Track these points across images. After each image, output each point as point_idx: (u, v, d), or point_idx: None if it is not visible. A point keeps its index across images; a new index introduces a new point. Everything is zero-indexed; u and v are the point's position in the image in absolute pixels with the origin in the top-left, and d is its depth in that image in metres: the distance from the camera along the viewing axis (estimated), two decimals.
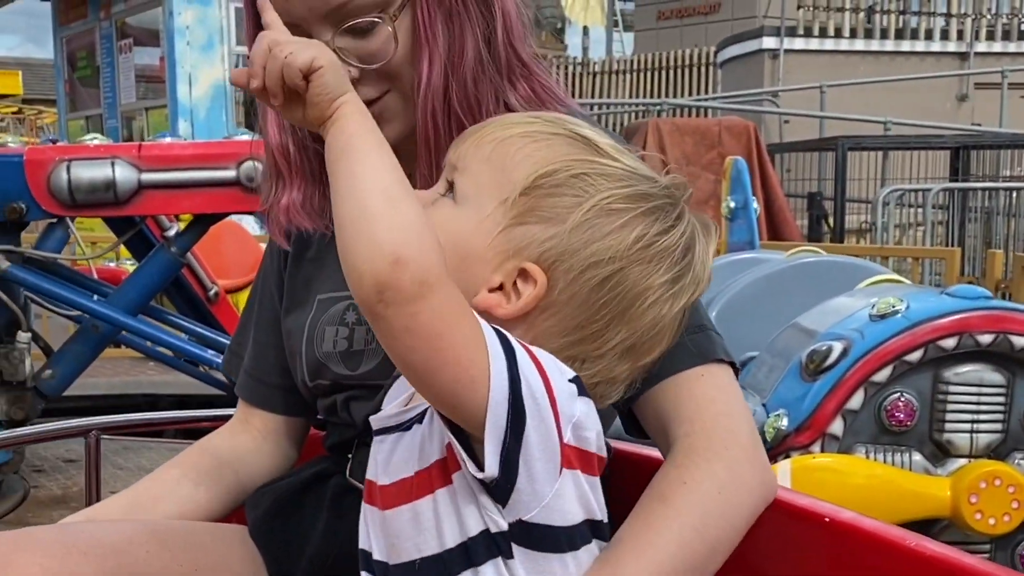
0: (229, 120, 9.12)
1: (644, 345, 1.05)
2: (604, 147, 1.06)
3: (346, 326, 1.34)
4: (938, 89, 14.56)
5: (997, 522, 2.57)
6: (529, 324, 1.02)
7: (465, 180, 1.05)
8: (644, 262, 1.02)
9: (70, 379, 3.42)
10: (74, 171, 3.13)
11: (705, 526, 1.07)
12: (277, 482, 1.44)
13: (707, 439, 1.13)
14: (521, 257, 1.01)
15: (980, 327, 2.59)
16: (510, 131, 1.06)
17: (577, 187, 1.02)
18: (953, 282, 6.19)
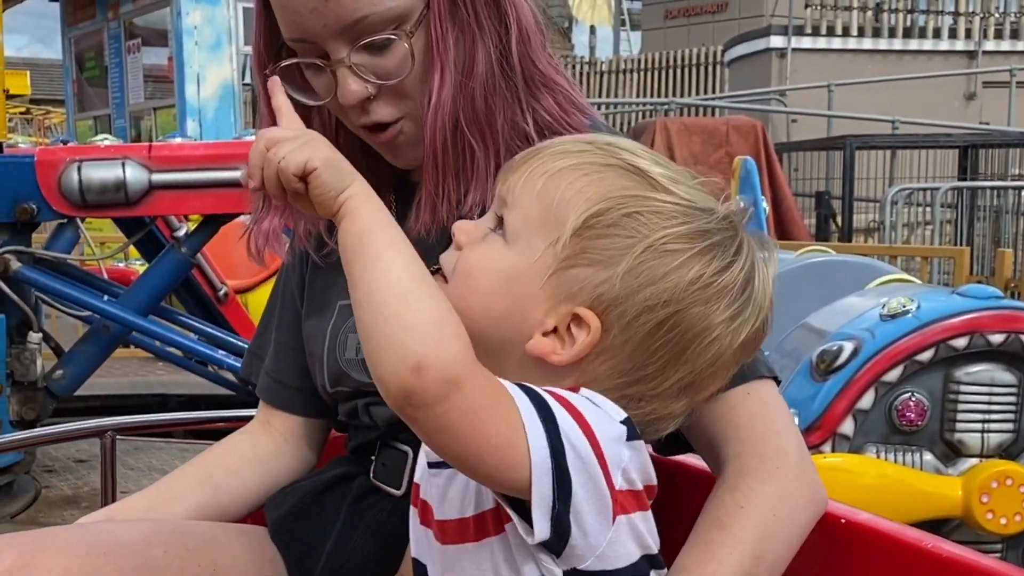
0: (238, 120, 9.12)
1: (703, 381, 1.02)
2: (658, 179, 1.01)
3: None
4: (946, 88, 14.53)
5: (1009, 522, 2.60)
6: (583, 370, 0.99)
7: (515, 217, 1.01)
8: (702, 303, 0.98)
9: (81, 379, 3.43)
10: (85, 172, 3.14)
11: (763, 550, 1.08)
12: (299, 483, 1.44)
13: (759, 460, 1.13)
14: (574, 302, 0.98)
15: (991, 327, 2.61)
16: (560, 163, 1.01)
17: (630, 227, 0.98)
18: (962, 281, 6.17)
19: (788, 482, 1.12)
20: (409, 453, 1.33)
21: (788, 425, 1.18)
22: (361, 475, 1.39)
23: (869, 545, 1.15)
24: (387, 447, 1.36)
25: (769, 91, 14.07)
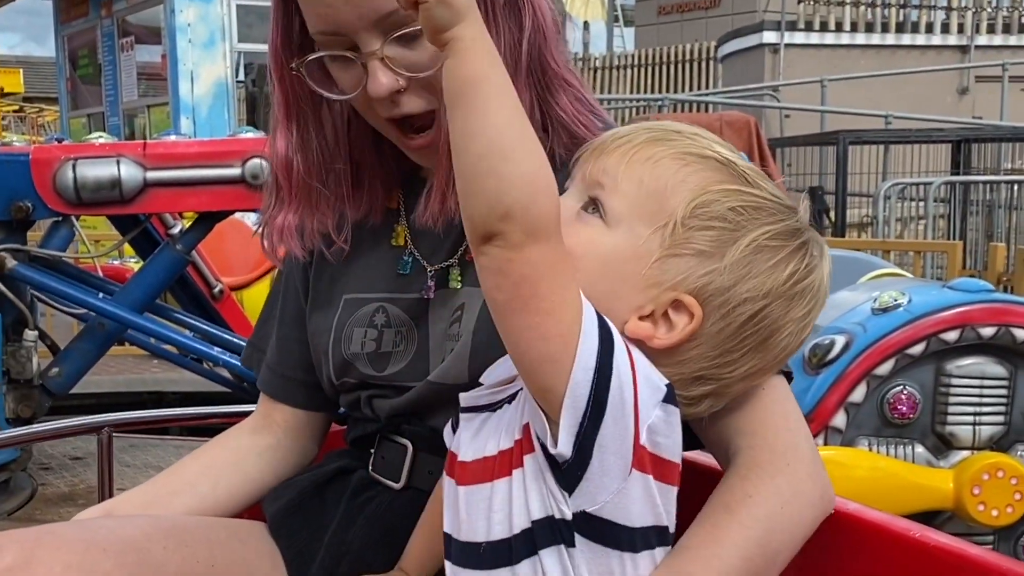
0: (231, 117, 9.14)
1: (764, 371, 1.07)
2: (749, 175, 1.05)
3: (375, 328, 1.35)
4: (939, 82, 14.59)
5: (1000, 513, 2.63)
6: (677, 354, 1.03)
7: (617, 201, 1.04)
8: (788, 298, 1.04)
9: (77, 377, 3.43)
10: (80, 170, 3.14)
11: (768, 540, 1.09)
12: (298, 477, 1.45)
13: (770, 453, 1.15)
14: (678, 290, 1.01)
15: (982, 320, 2.63)
16: (659, 150, 1.05)
17: (734, 220, 1.02)
18: (955, 275, 6.20)
19: (799, 478, 1.13)
20: (408, 447, 1.35)
21: (799, 421, 1.20)
22: (360, 468, 1.40)
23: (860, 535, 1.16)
24: (386, 440, 1.38)
25: (762, 87, 14.12)
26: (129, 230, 3.66)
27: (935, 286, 2.84)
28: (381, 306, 1.36)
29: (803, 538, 1.13)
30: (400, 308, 1.35)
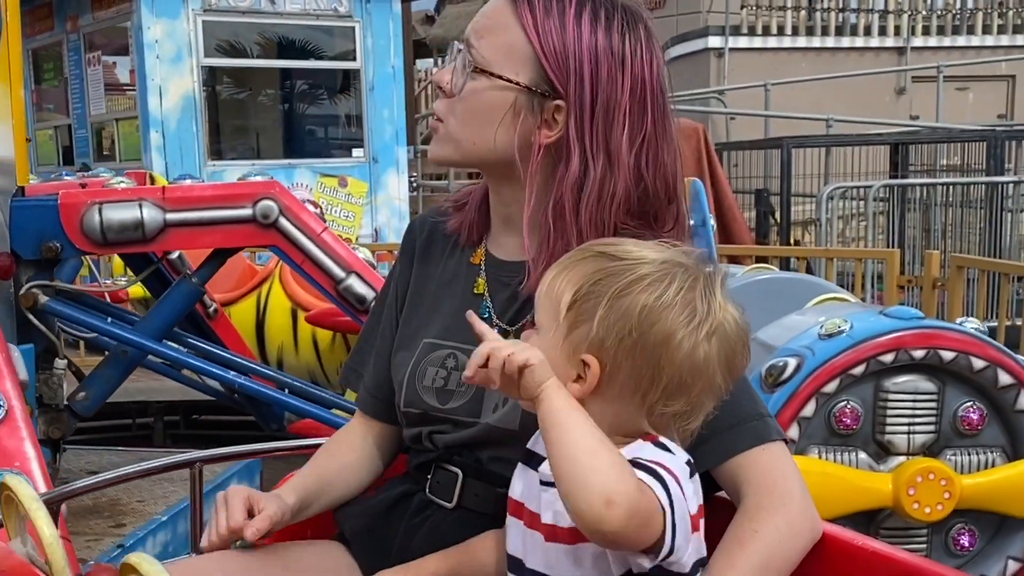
0: (199, 131, 9.33)
1: (693, 381, 1.36)
2: (618, 253, 1.39)
3: (445, 369, 1.69)
4: (877, 83, 15.05)
5: (932, 511, 2.87)
6: (603, 396, 1.37)
7: (539, 315, 1.43)
8: (654, 322, 1.34)
9: (101, 400, 3.72)
10: (106, 213, 3.43)
11: (770, 564, 1.47)
12: (370, 501, 1.80)
13: (771, 498, 1.50)
14: (579, 353, 1.37)
15: (914, 344, 2.89)
16: (553, 272, 1.43)
17: (597, 291, 1.36)
18: (893, 280, 6.63)
19: (792, 516, 1.50)
20: (459, 475, 1.69)
21: (794, 474, 1.56)
22: (419, 491, 1.75)
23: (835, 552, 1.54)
24: (441, 468, 1.71)
25: (709, 91, 14.47)
26: (141, 267, 3.98)
27: (874, 312, 3.13)
28: (453, 352, 1.70)
29: (797, 560, 1.50)
30: (467, 356, 1.60)
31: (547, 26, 1.56)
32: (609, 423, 1.36)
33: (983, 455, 3.00)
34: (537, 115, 1.59)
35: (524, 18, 1.57)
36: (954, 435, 2.98)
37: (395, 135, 10.29)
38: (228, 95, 10.81)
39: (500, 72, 1.59)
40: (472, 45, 1.61)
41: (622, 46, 1.58)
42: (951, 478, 2.87)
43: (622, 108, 1.57)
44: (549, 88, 1.58)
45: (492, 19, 1.61)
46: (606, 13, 1.58)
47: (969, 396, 2.97)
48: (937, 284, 6.28)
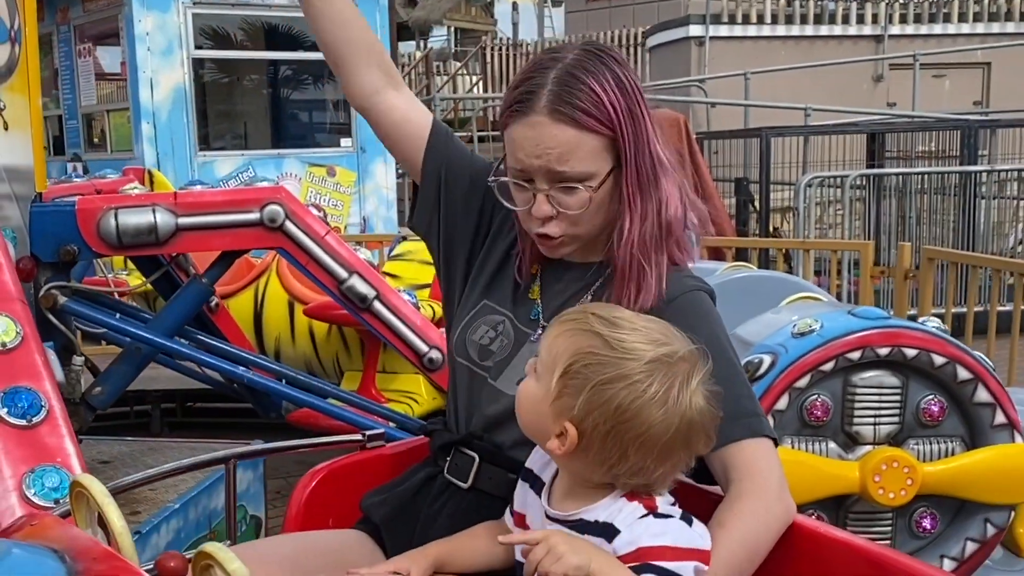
0: (190, 122, 9.46)
1: (675, 445, 1.59)
2: (611, 340, 1.58)
3: (495, 330, 1.95)
4: (855, 71, 15.28)
5: (896, 496, 3.01)
6: (580, 458, 1.60)
7: (540, 363, 1.64)
8: (629, 419, 1.55)
9: (116, 394, 3.92)
10: (121, 218, 3.63)
11: (747, 544, 1.70)
12: (396, 488, 2.02)
13: (752, 485, 1.75)
14: (563, 418, 1.58)
15: (879, 342, 3.02)
16: (557, 328, 1.64)
17: (585, 373, 1.57)
18: (867, 270, 6.86)
19: (769, 501, 1.74)
20: (476, 458, 1.93)
21: (777, 467, 1.80)
22: (439, 473, 1.98)
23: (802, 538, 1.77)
24: (460, 452, 1.96)
25: (690, 80, 14.66)
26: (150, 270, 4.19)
27: (843, 312, 3.26)
28: (507, 319, 1.96)
29: (773, 541, 1.74)
30: (514, 330, 1.95)
31: (598, 113, 1.79)
32: (582, 476, 1.62)
33: (943, 444, 3.14)
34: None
35: (582, 120, 1.78)
36: (917, 426, 3.13)
37: None
38: (218, 87, 10.93)
39: (598, 175, 1.82)
40: (558, 170, 1.80)
41: (635, 90, 1.84)
42: (914, 466, 3.02)
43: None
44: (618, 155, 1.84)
45: (559, 141, 1.79)
46: (612, 73, 1.82)
47: (931, 390, 3.12)
48: (909, 275, 6.51)
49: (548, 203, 1.82)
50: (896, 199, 10.29)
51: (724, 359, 1.81)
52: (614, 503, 1.61)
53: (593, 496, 1.63)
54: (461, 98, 17.30)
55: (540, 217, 1.84)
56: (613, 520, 1.60)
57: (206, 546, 1.42)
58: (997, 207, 10.25)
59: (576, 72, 1.79)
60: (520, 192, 1.86)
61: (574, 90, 1.78)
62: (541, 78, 1.80)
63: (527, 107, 1.80)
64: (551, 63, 1.82)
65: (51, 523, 1.62)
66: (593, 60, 1.82)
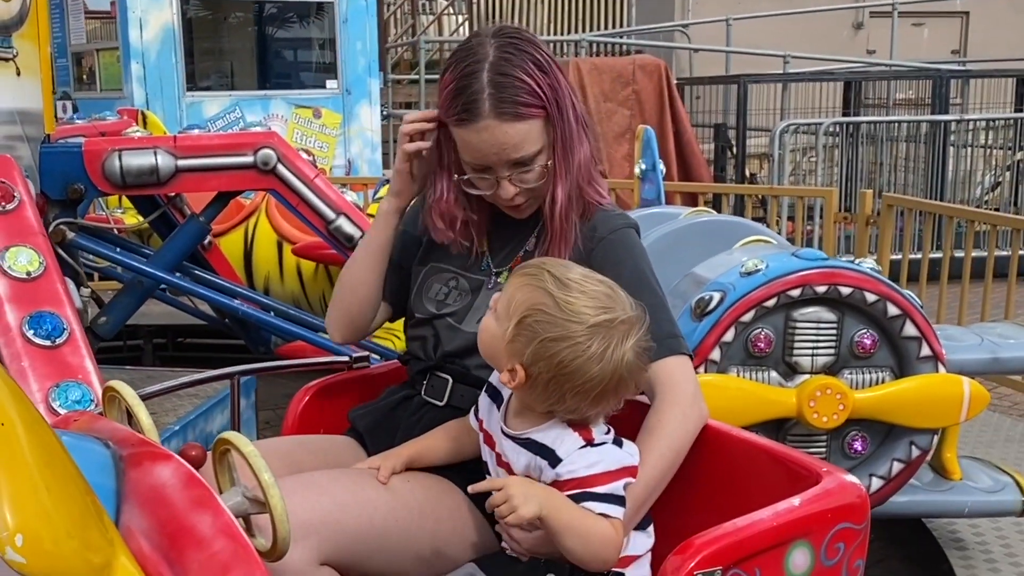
0: (179, 62, 9.62)
1: (607, 393, 1.84)
2: (560, 300, 1.81)
3: (446, 286, 2.25)
4: (835, 19, 15.37)
5: (829, 419, 3.24)
6: (527, 392, 1.86)
7: (500, 305, 1.90)
8: (569, 372, 1.79)
9: (120, 324, 4.20)
10: (125, 159, 3.89)
11: (672, 446, 2.00)
12: (379, 403, 2.32)
13: (672, 395, 2.04)
14: (515, 360, 1.84)
15: (817, 281, 3.22)
16: (516, 280, 1.88)
17: (535, 327, 1.80)
18: (831, 216, 7.15)
19: (685, 407, 2.05)
20: (449, 380, 2.23)
21: (693, 379, 2.10)
22: (416, 395, 2.29)
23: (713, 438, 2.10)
24: (435, 375, 2.27)
25: (674, 25, 14.80)
26: (147, 210, 4.47)
27: (787, 254, 3.39)
28: (456, 275, 2.26)
29: (692, 439, 2.05)
30: (467, 282, 2.25)
31: (532, 99, 2.06)
32: (527, 406, 1.90)
33: (874, 374, 3.35)
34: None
35: (523, 112, 2.05)
36: (851, 357, 3.33)
37: (368, 67, 10.60)
38: (206, 27, 11.06)
39: (546, 147, 2.11)
40: (515, 158, 2.07)
41: (552, 65, 2.12)
42: (845, 392, 3.25)
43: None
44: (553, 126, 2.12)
45: (510, 136, 2.05)
46: (532, 58, 2.09)
47: (864, 325, 3.32)
48: (870, 220, 6.80)
49: (512, 184, 2.12)
50: (869, 146, 10.54)
51: (648, 289, 2.12)
52: (555, 427, 1.90)
53: (538, 419, 1.92)
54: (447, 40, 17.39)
55: (508, 199, 2.13)
56: (556, 448, 1.89)
57: (224, 434, 1.71)
58: (968, 155, 10.53)
59: (504, 68, 2.05)
60: (482, 180, 2.13)
61: (508, 87, 2.03)
62: (476, 83, 2.03)
63: (472, 115, 2.04)
64: (477, 65, 2.04)
65: (91, 418, 1.90)
66: (513, 51, 2.07)
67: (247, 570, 1.46)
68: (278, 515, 1.59)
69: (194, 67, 10.25)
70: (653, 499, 2.00)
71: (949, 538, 4.05)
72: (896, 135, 10.46)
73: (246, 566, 1.47)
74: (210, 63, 10.97)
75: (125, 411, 1.89)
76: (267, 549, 1.61)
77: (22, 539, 1.11)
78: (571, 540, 1.81)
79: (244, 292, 4.43)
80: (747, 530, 1.76)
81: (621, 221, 2.21)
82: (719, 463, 2.08)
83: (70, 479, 1.22)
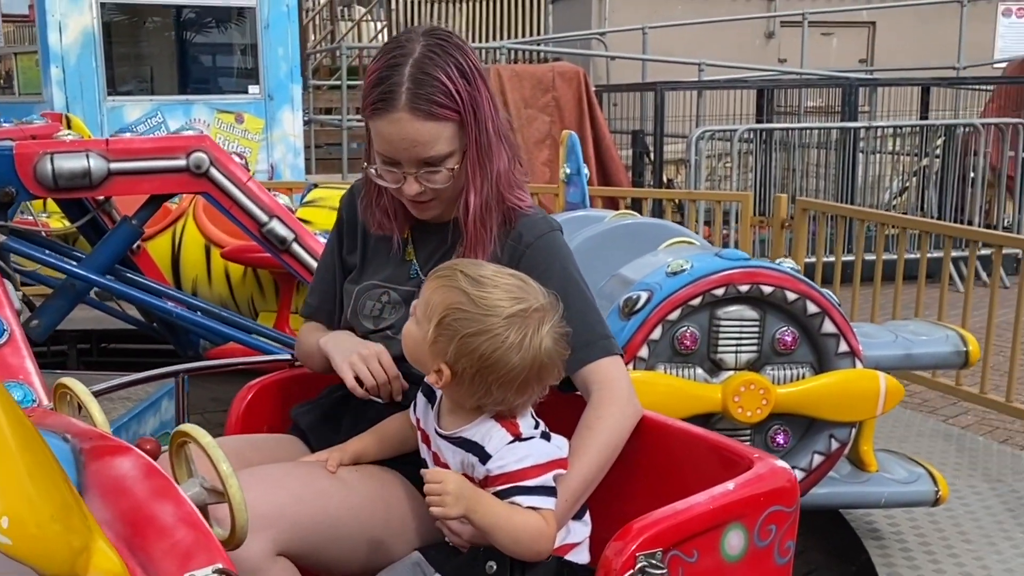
0: (99, 66, 9.53)
1: (530, 380, 1.92)
2: (475, 298, 1.87)
3: (380, 303, 2.30)
4: (748, 28, 15.73)
5: (752, 414, 3.35)
6: (454, 389, 1.93)
7: (419, 310, 1.96)
8: (491, 364, 1.87)
9: (52, 328, 4.18)
10: (57, 162, 3.88)
11: (610, 442, 2.09)
12: (321, 400, 2.39)
13: (610, 393, 2.13)
14: (439, 360, 1.90)
15: (740, 280, 3.33)
16: (433, 283, 1.94)
17: (454, 326, 1.87)
18: (747, 219, 7.35)
19: (623, 405, 2.14)
20: None
21: (626, 378, 2.19)
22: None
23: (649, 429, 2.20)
24: None
25: (591, 33, 14.99)
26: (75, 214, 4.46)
27: (710, 255, 3.50)
28: (388, 290, 2.31)
29: (627, 435, 2.14)
30: (399, 294, 2.30)
31: (448, 102, 2.10)
32: (457, 403, 1.98)
33: (795, 370, 3.47)
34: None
35: (437, 112, 2.09)
36: (773, 354, 3.45)
37: (290, 72, 10.62)
38: (127, 31, 10.96)
39: (456, 153, 2.14)
40: (422, 157, 2.11)
41: (474, 73, 2.17)
42: (768, 388, 3.37)
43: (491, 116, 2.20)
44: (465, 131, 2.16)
45: (420, 133, 2.08)
46: (455, 62, 2.14)
47: (785, 322, 3.43)
48: (785, 224, 7.00)
49: (417, 182, 2.15)
50: (782, 152, 10.80)
51: (577, 292, 2.21)
52: (484, 424, 1.98)
53: (468, 416, 1.99)
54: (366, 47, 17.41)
55: (411, 196, 2.18)
56: (485, 444, 1.96)
57: (182, 426, 1.75)
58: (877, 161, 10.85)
59: (427, 67, 2.09)
60: (390, 173, 2.18)
61: (427, 86, 2.06)
62: (397, 76, 2.06)
63: (388, 105, 2.06)
64: (402, 59, 2.08)
65: (43, 414, 1.93)
66: (439, 51, 2.11)
67: (208, 557, 1.50)
68: (236, 504, 1.65)
69: (115, 71, 10.16)
70: (590, 491, 2.09)
71: (866, 529, 4.21)
72: (808, 141, 10.72)
73: (207, 553, 1.51)
74: (131, 67, 10.88)
75: (76, 407, 1.91)
76: (225, 538, 1.66)
77: (7, 522, 1.16)
78: (500, 537, 1.89)
79: (178, 295, 4.46)
80: (685, 513, 1.86)
81: (545, 225, 2.26)
82: (656, 452, 2.19)
83: (49, 466, 1.27)
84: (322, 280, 2.49)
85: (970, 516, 4.40)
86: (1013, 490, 4.72)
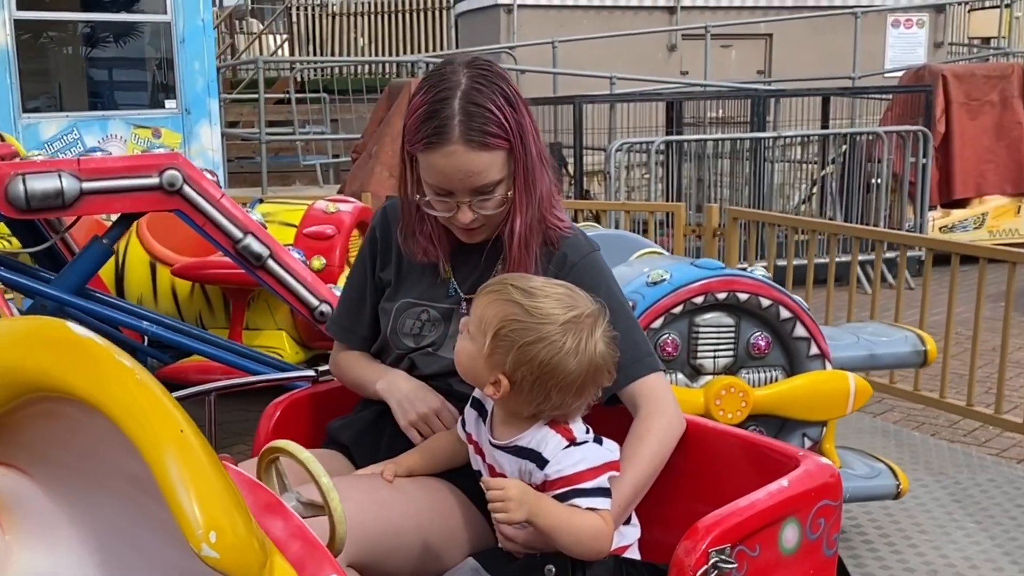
0: (13, 84, 9.33)
1: (587, 384, 1.99)
2: (529, 308, 1.94)
3: (419, 321, 2.36)
4: (651, 41, 16.00)
5: (733, 416, 3.47)
6: (512, 399, 1.99)
7: (472, 325, 2.01)
8: (550, 371, 1.93)
9: None
10: (29, 183, 3.81)
11: (659, 451, 2.19)
12: (360, 414, 2.43)
13: (657, 408, 2.23)
14: (496, 370, 1.97)
15: (718, 288, 3.48)
16: (485, 298, 2.00)
17: (511, 336, 1.93)
18: (680, 228, 7.53)
19: (671, 417, 2.25)
20: None
21: (669, 390, 2.30)
22: None
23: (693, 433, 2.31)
24: None
25: (500, 47, 15.11)
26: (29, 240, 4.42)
27: (687, 264, 3.65)
28: (427, 308, 2.37)
29: (673, 447, 2.25)
30: (438, 312, 2.36)
31: (499, 131, 2.15)
32: (514, 412, 2.04)
33: (769, 373, 3.64)
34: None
35: (490, 143, 2.14)
36: (747, 358, 3.60)
37: (206, 87, 10.54)
38: (42, 48, 10.75)
39: (507, 179, 2.20)
40: (477, 186, 2.17)
41: (518, 101, 2.23)
42: (747, 391, 3.52)
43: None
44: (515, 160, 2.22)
45: (475, 164, 2.14)
46: (501, 91, 2.19)
47: (759, 327, 3.60)
48: (717, 232, 7.21)
49: (471, 210, 2.21)
50: (695, 163, 11.05)
51: (623, 311, 2.30)
52: (539, 431, 2.05)
53: (522, 425, 2.06)
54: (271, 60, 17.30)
55: (466, 224, 2.24)
56: (541, 450, 2.03)
57: (274, 442, 1.80)
58: (784, 170, 11.18)
59: (476, 98, 2.11)
60: (442, 203, 2.23)
61: (478, 117, 2.11)
62: (447, 109, 2.11)
63: (442, 138, 2.11)
64: (449, 92, 2.12)
65: None
66: (484, 82, 2.16)
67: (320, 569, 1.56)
68: (338, 517, 1.70)
69: (30, 89, 9.95)
70: (640, 497, 2.19)
71: None
72: (720, 152, 10.99)
73: (319, 564, 1.57)
74: (47, 85, 10.67)
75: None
76: None
77: (215, 536, 1.20)
78: (563, 538, 1.97)
79: (149, 314, 4.41)
80: (748, 510, 1.96)
81: (588, 246, 2.34)
82: (702, 455, 2.30)
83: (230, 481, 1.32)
84: (350, 300, 2.53)
85: (922, 509, 4.62)
86: (956, 482, 4.96)
